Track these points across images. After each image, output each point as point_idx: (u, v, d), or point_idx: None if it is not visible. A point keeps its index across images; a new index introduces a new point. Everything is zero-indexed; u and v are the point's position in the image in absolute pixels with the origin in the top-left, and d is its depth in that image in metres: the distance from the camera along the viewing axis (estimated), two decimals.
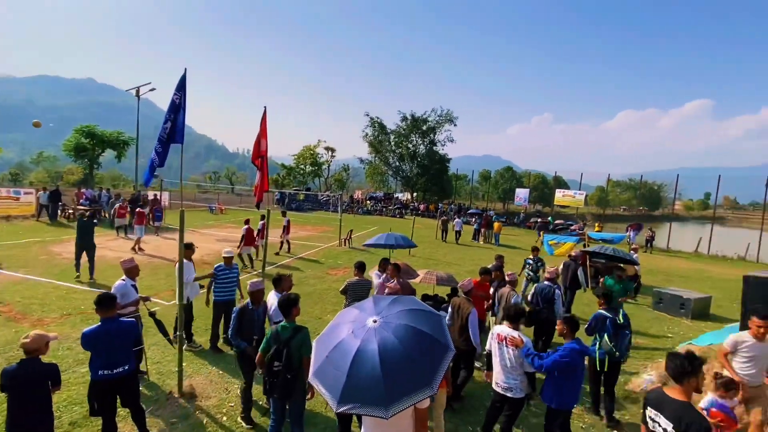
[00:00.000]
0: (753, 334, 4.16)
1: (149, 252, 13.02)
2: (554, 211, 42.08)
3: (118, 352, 3.69)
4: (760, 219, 26.25)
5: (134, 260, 5.48)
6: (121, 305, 4.74)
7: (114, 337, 3.66)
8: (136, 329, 3.89)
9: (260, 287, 4.65)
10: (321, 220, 26.57)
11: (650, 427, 2.77)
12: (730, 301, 11.55)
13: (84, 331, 3.62)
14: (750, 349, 4.16)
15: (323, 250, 15.86)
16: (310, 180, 51.89)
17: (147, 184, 4.91)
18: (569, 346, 3.85)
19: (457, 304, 5.14)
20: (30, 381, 3.17)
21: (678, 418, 2.54)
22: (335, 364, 2.18)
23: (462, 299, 5.19)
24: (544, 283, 6.74)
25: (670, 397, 2.68)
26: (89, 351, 3.62)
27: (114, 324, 3.70)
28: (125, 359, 3.73)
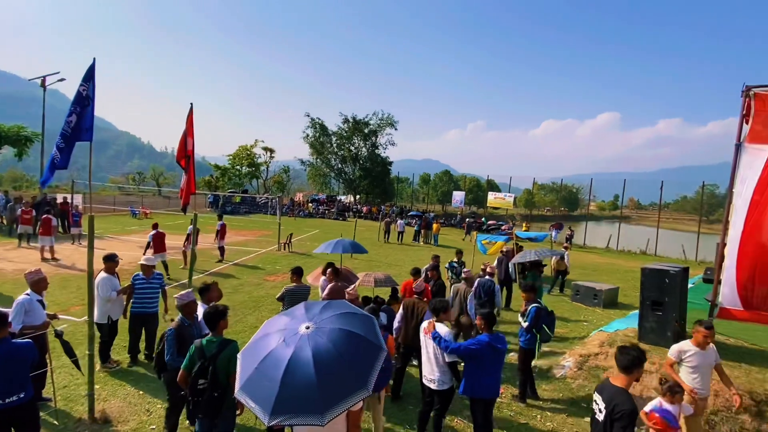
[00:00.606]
0: (695, 342, 4.12)
1: (61, 262, 11.54)
2: (487, 212, 44.68)
3: (10, 378, 3.20)
4: (657, 218, 30.23)
5: (41, 272, 4.86)
6: (27, 325, 4.31)
7: (5, 362, 3.18)
8: (32, 352, 3.40)
9: (190, 299, 4.28)
10: (259, 224, 25.50)
11: (593, 408, 3.11)
12: (634, 290, 13.12)
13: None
14: (693, 358, 4.10)
15: (261, 255, 15.25)
16: (247, 182, 49.62)
17: (44, 184, 4.34)
18: (481, 337, 4.12)
19: (411, 304, 5.31)
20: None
21: (610, 400, 2.87)
22: (266, 376, 2.11)
23: (416, 299, 5.40)
24: (486, 278, 7.43)
25: (610, 383, 3.02)
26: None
27: (5, 346, 3.21)
28: (20, 387, 3.25)
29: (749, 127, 5.68)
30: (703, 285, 10.79)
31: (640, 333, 6.20)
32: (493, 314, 4.39)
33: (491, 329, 4.21)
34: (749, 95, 5.70)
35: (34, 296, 4.59)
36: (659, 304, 5.97)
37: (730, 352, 5.91)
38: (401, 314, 5.30)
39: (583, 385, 5.85)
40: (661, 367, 5.12)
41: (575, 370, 6.21)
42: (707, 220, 38.54)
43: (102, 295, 5.43)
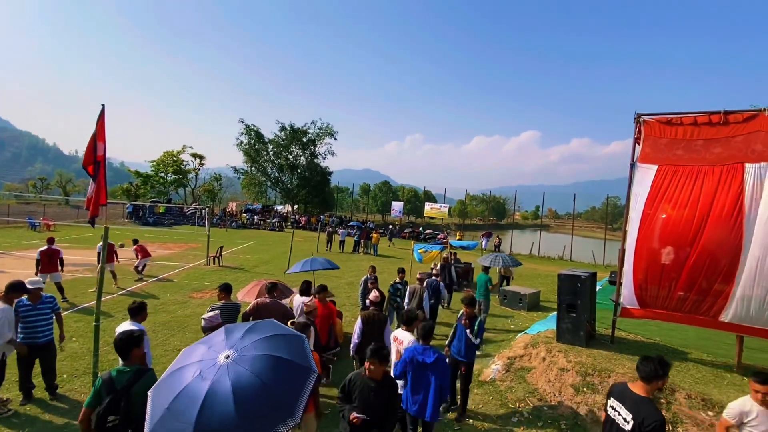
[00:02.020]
0: (757, 400, 3.28)
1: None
2: (425, 221, 46.19)
3: None
4: (571, 226, 33.59)
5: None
6: None
7: None
8: None
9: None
10: (186, 236, 23.67)
11: (611, 415, 3.15)
12: (554, 293, 14.37)
13: None
14: (760, 421, 3.24)
15: (187, 270, 14.13)
16: (173, 190, 45.95)
17: None
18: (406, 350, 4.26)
19: (370, 318, 5.30)
20: None
21: (637, 411, 2.92)
22: (179, 416, 1.88)
23: (375, 310, 5.54)
24: (433, 278, 8.96)
25: (632, 391, 3.07)
26: None
27: None
28: None
29: (640, 149, 6.58)
30: (609, 287, 12.15)
31: (557, 334, 6.77)
32: (430, 327, 4.44)
33: (426, 341, 4.29)
34: (640, 121, 6.62)
35: None
36: (573, 307, 6.58)
37: (630, 346, 6.70)
38: (361, 327, 5.21)
39: (511, 387, 6.21)
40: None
41: (503, 372, 6.59)
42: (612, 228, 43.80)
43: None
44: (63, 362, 6.02)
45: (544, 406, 5.61)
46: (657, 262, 6.19)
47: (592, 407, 5.32)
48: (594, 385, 5.57)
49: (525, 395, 5.90)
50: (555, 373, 6.04)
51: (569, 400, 5.56)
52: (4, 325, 4.59)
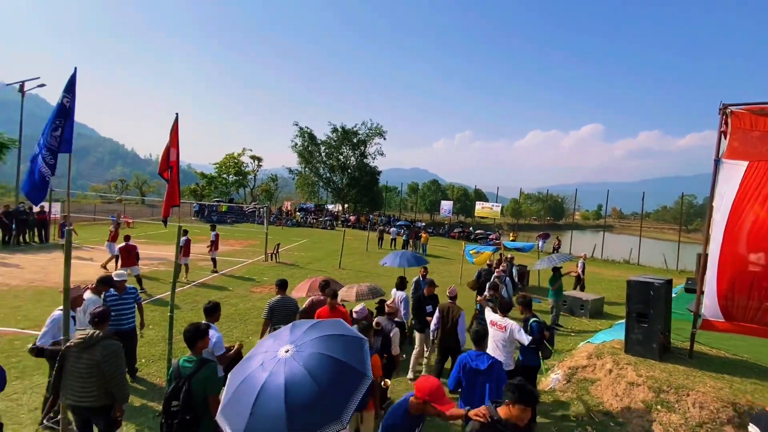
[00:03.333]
0: None
1: (30, 275, 11.12)
2: (475, 221, 45.06)
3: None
4: (639, 227, 30.94)
5: (80, 288, 4.92)
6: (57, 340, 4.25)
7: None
8: (2, 376, 3.23)
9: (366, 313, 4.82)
10: (246, 234, 25.15)
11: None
12: (619, 300, 13.32)
13: None
14: None
15: (248, 265, 15.00)
16: (234, 190, 49.04)
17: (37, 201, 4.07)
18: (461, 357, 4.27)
19: (447, 308, 5.93)
20: None
21: None
22: (241, 401, 2.00)
23: (450, 303, 6.01)
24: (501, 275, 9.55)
25: None
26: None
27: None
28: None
29: (727, 144, 5.86)
30: (685, 294, 11.01)
31: (626, 345, 6.24)
32: (483, 332, 4.32)
33: (480, 346, 4.15)
34: (726, 113, 5.89)
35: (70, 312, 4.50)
36: (644, 316, 6.03)
37: (712, 362, 6.01)
38: (437, 317, 5.96)
39: (573, 399, 5.84)
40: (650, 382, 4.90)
41: (564, 383, 6.21)
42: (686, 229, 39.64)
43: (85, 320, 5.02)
44: (141, 348, 6.63)
45: (610, 421, 5.21)
46: (745, 269, 5.49)
47: (668, 427, 4.84)
48: (669, 403, 5.07)
49: (589, 409, 5.52)
50: (623, 387, 5.58)
51: (640, 417, 5.10)
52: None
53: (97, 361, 3.42)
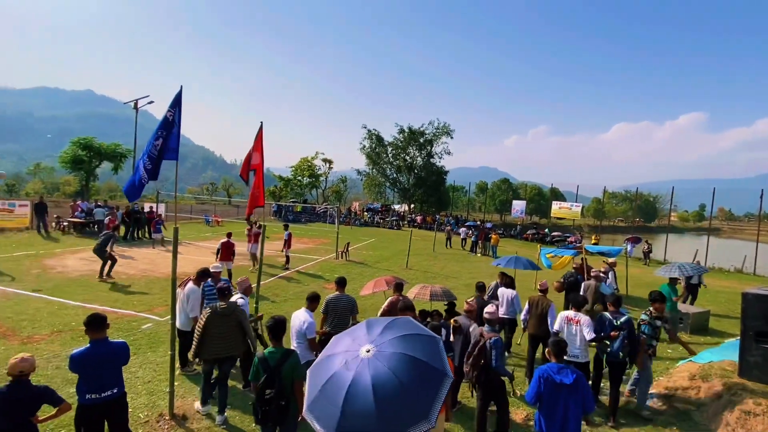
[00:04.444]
0: None
1: (143, 266, 12.89)
2: (551, 222, 42.19)
3: (107, 374, 3.59)
4: (756, 230, 26.39)
5: (249, 280, 5.76)
6: None
7: (104, 360, 3.57)
8: (127, 351, 3.79)
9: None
10: (318, 232, 26.49)
11: None
12: (728, 314, 11.52)
13: (72, 354, 3.52)
14: None
15: (320, 263, 15.76)
16: (308, 192, 51.92)
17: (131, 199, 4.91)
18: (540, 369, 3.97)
19: (536, 300, 6.43)
20: (21, 403, 3.09)
21: None
22: (330, 399, 2.07)
23: (540, 295, 6.50)
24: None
25: None
26: (77, 374, 3.52)
27: (104, 346, 3.62)
28: (115, 382, 3.63)
29: None
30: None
31: (741, 368, 5.38)
32: (559, 342, 4.01)
33: (560, 358, 3.87)
34: None
35: (246, 300, 5.40)
36: (765, 336, 5.14)
37: None
38: (527, 308, 6.50)
39: (670, 423, 5.18)
40: None
41: (660, 405, 5.54)
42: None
43: (189, 310, 5.69)
44: None
45: None
46: None
47: None
48: None
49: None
50: (737, 416, 4.81)
51: None
52: (196, 303, 5.79)
53: (239, 322, 4.77)
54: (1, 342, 6.43)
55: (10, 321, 7.32)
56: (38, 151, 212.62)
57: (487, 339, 4.60)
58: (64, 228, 18.29)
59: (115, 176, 39.06)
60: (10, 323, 7.22)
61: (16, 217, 17.83)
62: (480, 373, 4.57)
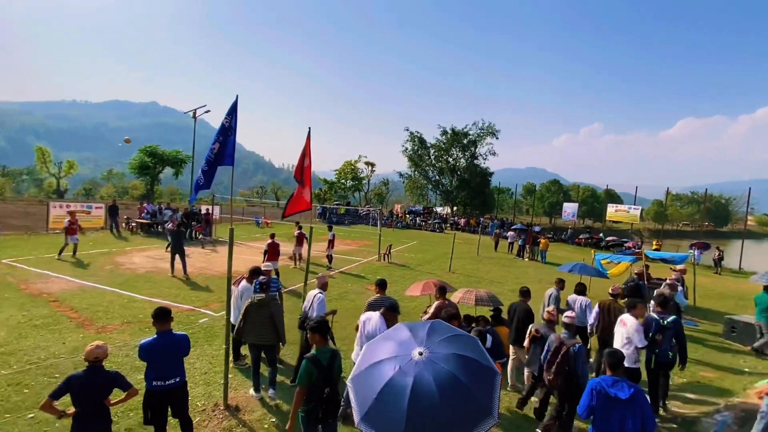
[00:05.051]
0: None
1: (199, 264, 13.77)
2: (606, 226, 39.62)
3: (171, 364, 3.88)
4: None
5: (326, 276, 6.24)
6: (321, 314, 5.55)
7: (169, 350, 3.86)
8: (188, 343, 4.07)
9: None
10: (361, 234, 26.85)
11: None
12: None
13: (141, 343, 3.85)
14: None
15: (363, 264, 15.96)
16: (350, 194, 52.86)
17: (191, 201, 5.35)
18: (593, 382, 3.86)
19: (607, 305, 6.38)
20: (96, 387, 3.40)
21: None
22: (390, 406, 2.04)
23: (611, 300, 6.46)
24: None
25: None
26: (145, 362, 3.83)
27: (169, 337, 3.91)
28: (177, 371, 3.91)
29: None
30: None
31: None
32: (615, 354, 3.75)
33: (616, 370, 3.61)
34: None
35: (323, 295, 5.81)
36: None
37: None
38: (597, 312, 6.44)
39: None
40: None
41: (737, 429, 5.00)
42: None
43: (242, 307, 5.93)
44: None
45: None
46: None
47: None
48: None
49: None
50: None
51: None
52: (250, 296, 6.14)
53: (271, 314, 5.15)
54: (79, 330, 7.15)
55: (88, 312, 8.12)
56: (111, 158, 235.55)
57: (569, 346, 4.54)
58: (132, 228, 20.06)
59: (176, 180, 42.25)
60: (87, 314, 8.01)
61: (93, 218, 19.82)
62: (563, 380, 4.52)
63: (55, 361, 5.87)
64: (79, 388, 3.32)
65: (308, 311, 5.61)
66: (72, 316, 7.77)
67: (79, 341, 6.59)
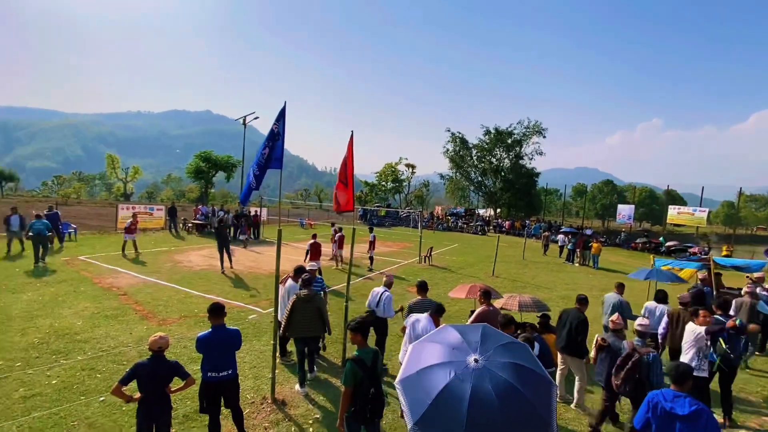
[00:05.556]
0: None
1: (248, 263, 14.45)
2: (666, 230, 36.65)
3: (225, 357, 4.09)
4: None
5: (392, 276, 6.70)
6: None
7: (223, 344, 4.08)
8: (240, 337, 4.29)
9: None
10: (401, 236, 26.85)
11: None
12: None
13: (198, 336, 4.10)
14: None
15: (404, 266, 15.94)
16: (391, 196, 53.10)
17: (244, 203, 5.70)
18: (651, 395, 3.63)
19: (677, 314, 6.21)
20: (159, 375, 3.68)
21: None
22: (448, 412, 2.02)
23: (681, 309, 6.27)
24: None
25: None
26: (201, 354, 4.08)
27: (223, 331, 4.14)
28: (230, 364, 4.12)
29: None
30: None
31: None
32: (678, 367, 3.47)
33: (682, 385, 3.32)
34: None
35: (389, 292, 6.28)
36: None
37: None
38: (666, 322, 6.34)
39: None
40: None
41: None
42: None
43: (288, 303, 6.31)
44: None
45: None
46: None
47: None
48: None
49: None
50: None
51: None
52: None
53: (318, 307, 5.49)
54: (143, 322, 7.75)
55: (150, 305, 8.80)
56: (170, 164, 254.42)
57: (643, 354, 4.41)
58: (189, 228, 21.50)
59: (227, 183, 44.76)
60: (150, 307, 8.68)
61: (154, 219, 21.49)
62: (632, 387, 4.38)
63: (123, 350, 6.41)
64: (145, 376, 3.60)
65: (375, 308, 6.13)
66: (137, 309, 8.45)
67: (143, 332, 7.15)
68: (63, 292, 9.15)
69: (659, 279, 9.03)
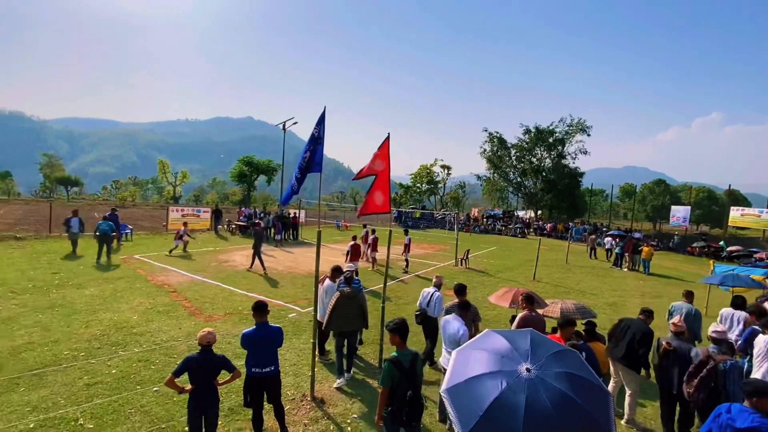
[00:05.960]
0: None
1: (288, 263, 14.88)
2: (728, 233, 33.69)
3: (267, 353, 4.23)
4: None
5: (442, 277, 6.97)
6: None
7: (266, 340, 4.23)
8: (282, 335, 4.42)
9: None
10: (437, 238, 26.57)
11: None
12: None
13: (244, 332, 4.27)
14: None
15: (439, 269, 15.75)
16: (426, 198, 52.72)
17: (284, 204, 5.95)
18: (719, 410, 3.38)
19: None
20: (208, 368, 3.87)
21: None
22: (501, 424, 1.96)
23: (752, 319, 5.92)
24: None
25: None
26: (246, 349, 4.25)
27: (266, 328, 4.28)
28: (272, 360, 4.26)
29: None
30: None
31: None
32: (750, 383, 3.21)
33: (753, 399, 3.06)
34: None
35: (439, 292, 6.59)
36: None
37: None
38: (744, 330, 5.92)
39: None
40: None
41: None
42: None
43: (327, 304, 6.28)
44: None
45: None
46: None
47: None
48: None
49: None
50: None
51: None
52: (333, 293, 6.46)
53: (360, 304, 5.86)
54: (191, 318, 8.19)
55: (198, 302, 9.28)
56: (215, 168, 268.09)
57: (719, 362, 4.16)
58: (232, 230, 22.52)
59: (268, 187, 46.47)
60: (197, 304, 9.15)
61: (201, 221, 22.69)
62: (707, 397, 4.14)
63: (174, 344, 6.80)
64: (196, 369, 3.80)
65: (425, 308, 6.35)
66: (186, 305, 8.94)
67: (191, 327, 7.56)
68: (121, 288, 9.87)
69: (735, 284, 8.49)
